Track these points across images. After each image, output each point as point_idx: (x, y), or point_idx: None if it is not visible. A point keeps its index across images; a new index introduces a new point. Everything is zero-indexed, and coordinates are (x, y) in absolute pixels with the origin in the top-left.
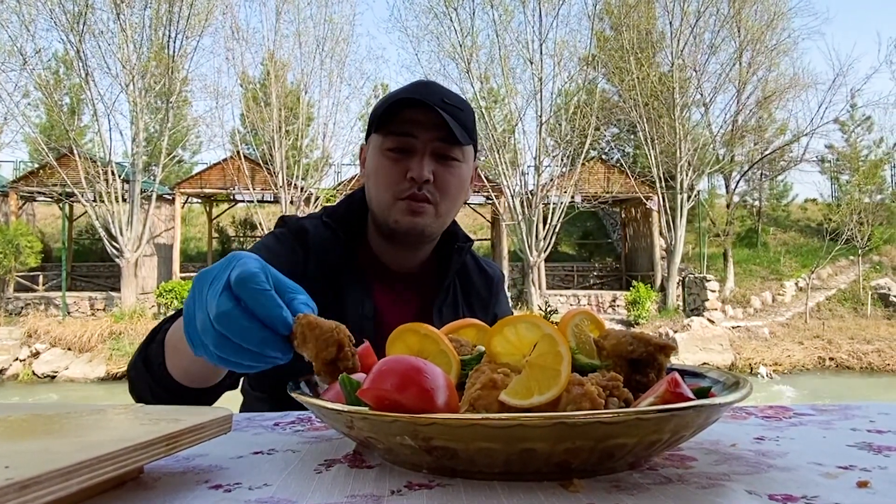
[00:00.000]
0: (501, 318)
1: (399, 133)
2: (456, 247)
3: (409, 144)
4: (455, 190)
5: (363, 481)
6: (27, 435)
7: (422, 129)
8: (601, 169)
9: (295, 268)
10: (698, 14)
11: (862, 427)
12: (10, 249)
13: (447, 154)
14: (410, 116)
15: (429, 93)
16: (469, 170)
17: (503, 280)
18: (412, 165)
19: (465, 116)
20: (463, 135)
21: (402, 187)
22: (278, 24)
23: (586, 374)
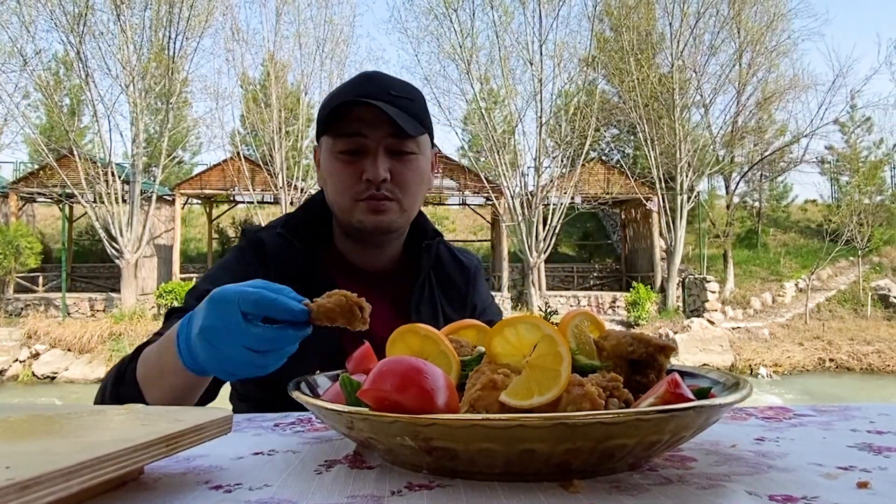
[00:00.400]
0: (481, 308)
1: (349, 134)
2: (424, 245)
3: (360, 145)
4: (415, 183)
5: (363, 482)
6: (28, 435)
7: (371, 128)
8: (601, 170)
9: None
10: (698, 15)
11: (862, 428)
12: (10, 250)
13: (401, 149)
14: (358, 115)
15: (374, 87)
16: (427, 159)
17: (480, 269)
18: (367, 166)
19: (415, 106)
20: (415, 126)
21: (360, 189)
22: (278, 25)
23: (586, 375)
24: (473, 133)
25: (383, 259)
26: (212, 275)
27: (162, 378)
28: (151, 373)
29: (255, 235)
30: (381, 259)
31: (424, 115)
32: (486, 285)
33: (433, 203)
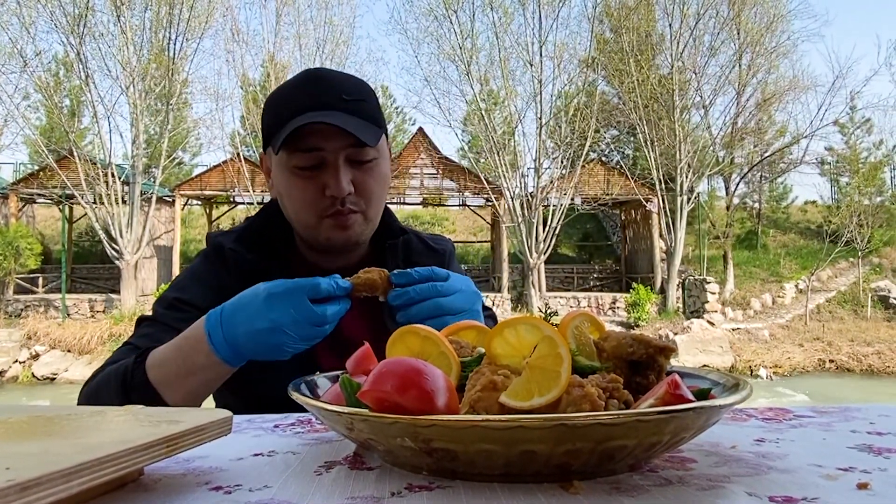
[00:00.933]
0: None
1: (306, 149)
2: (388, 245)
3: (319, 159)
4: (378, 190)
5: (363, 483)
6: (28, 436)
7: (328, 140)
8: (601, 171)
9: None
10: (698, 16)
11: (862, 429)
12: (9, 251)
13: (361, 158)
14: (313, 128)
15: (324, 93)
16: (386, 159)
17: (454, 253)
18: (328, 181)
19: (369, 107)
20: (373, 132)
21: (324, 205)
22: (278, 26)
23: (586, 376)
24: (473, 134)
25: (351, 259)
26: (180, 283)
27: (189, 377)
28: (173, 374)
29: (216, 241)
30: (349, 260)
31: (379, 114)
32: (459, 267)
33: (433, 204)
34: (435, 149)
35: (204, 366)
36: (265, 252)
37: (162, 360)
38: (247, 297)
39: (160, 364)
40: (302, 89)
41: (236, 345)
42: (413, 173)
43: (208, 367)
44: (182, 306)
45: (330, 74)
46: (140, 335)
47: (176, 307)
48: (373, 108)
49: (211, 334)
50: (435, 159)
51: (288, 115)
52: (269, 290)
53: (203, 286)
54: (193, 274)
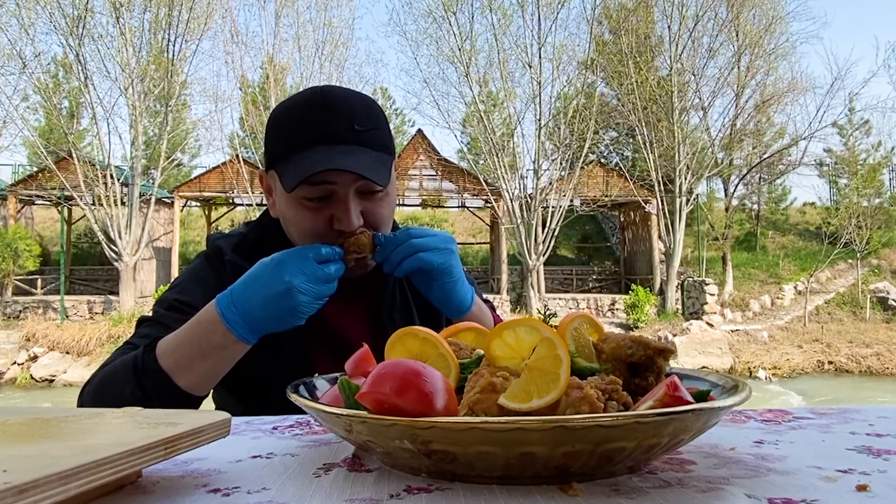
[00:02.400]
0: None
1: (315, 183)
2: None
3: (328, 191)
4: (388, 218)
5: (362, 485)
6: (26, 439)
7: (339, 175)
8: (600, 172)
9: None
10: (697, 18)
11: (861, 430)
12: (8, 253)
13: (373, 189)
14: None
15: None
16: (394, 185)
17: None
18: (338, 215)
19: (380, 135)
20: (385, 167)
21: (331, 237)
22: (277, 27)
23: (585, 378)
24: (472, 136)
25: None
26: (180, 284)
27: (205, 359)
28: (187, 358)
29: (215, 243)
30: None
31: (389, 139)
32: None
33: (432, 205)
34: (434, 150)
35: (220, 345)
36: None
37: (175, 346)
38: (256, 270)
39: (173, 350)
40: (311, 115)
41: (252, 318)
42: (412, 175)
43: (224, 347)
44: (183, 307)
45: (339, 98)
46: (140, 335)
47: (176, 308)
48: (384, 134)
49: (225, 314)
50: (434, 161)
51: (297, 145)
52: (278, 258)
53: (203, 288)
54: (193, 275)
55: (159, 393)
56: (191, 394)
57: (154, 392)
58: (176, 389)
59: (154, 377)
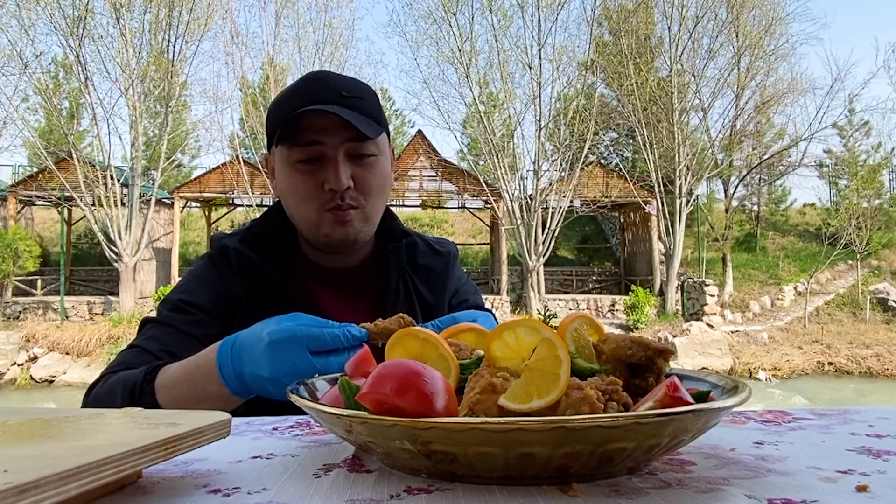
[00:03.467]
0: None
1: (305, 143)
2: (391, 248)
3: (318, 152)
4: (378, 187)
5: (362, 486)
6: (26, 439)
7: (328, 134)
8: (600, 173)
9: (226, 289)
10: (696, 19)
11: (861, 431)
12: (8, 253)
13: (361, 153)
14: (313, 122)
15: (325, 90)
16: (387, 158)
17: (456, 255)
18: (328, 175)
19: (369, 105)
20: (372, 127)
21: (324, 199)
22: (278, 28)
23: (585, 379)
24: (472, 136)
25: (355, 259)
26: (184, 285)
27: (199, 404)
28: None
29: (221, 242)
30: (352, 260)
31: (379, 113)
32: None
33: (432, 206)
34: (434, 151)
35: (215, 396)
36: (268, 253)
37: (173, 383)
38: (253, 338)
39: (171, 387)
40: (302, 88)
41: (244, 382)
42: (412, 175)
43: (219, 398)
44: (187, 308)
45: (329, 75)
46: (146, 337)
47: (181, 309)
48: (372, 105)
49: (221, 367)
50: (434, 162)
51: (288, 111)
52: (272, 337)
53: (207, 288)
54: (197, 276)
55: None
56: None
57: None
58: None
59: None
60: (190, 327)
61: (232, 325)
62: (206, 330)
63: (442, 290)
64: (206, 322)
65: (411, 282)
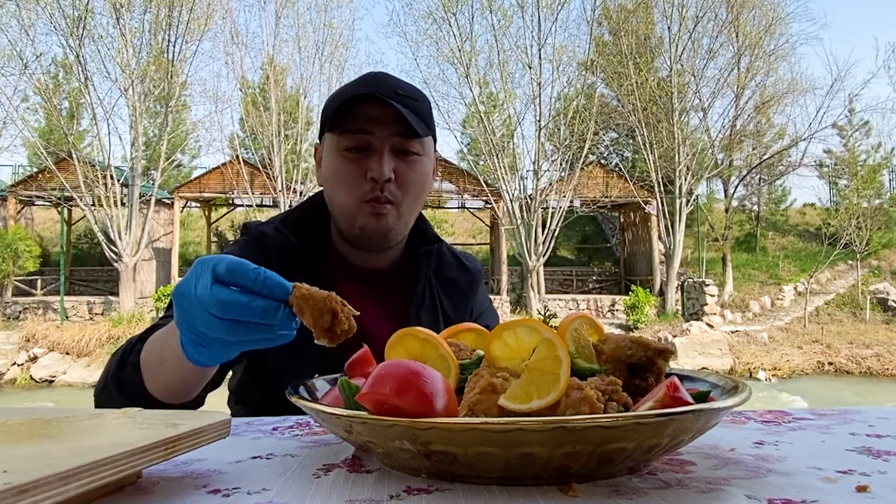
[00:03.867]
0: (478, 312)
1: (354, 131)
2: (423, 251)
3: (366, 142)
4: (417, 186)
5: (362, 486)
6: (25, 439)
7: (378, 125)
8: (600, 173)
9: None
10: (696, 19)
11: (861, 431)
12: (8, 254)
13: (407, 149)
14: (365, 112)
15: (381, 85)
16: (430, 162)
17: (482, 274)
18: (371, 165)
19: (421, 107)
20: (421, 126)
21: (364, 189)
22: (278, 28)
23: (585, 379)
24: (472, 136)
25: (384, 261)
26: None
27: (162, 362)
28: (153, 357)
29: (258, 229)
30: (382, 260)
31: (429, 118)
32: (486, 291)
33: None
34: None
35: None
36: (304, 238)
37: (153, 340)
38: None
39: (150, 343)
40: (359, 82)
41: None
42: None
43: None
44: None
45: (387, 74)
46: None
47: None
48: (424, 108)
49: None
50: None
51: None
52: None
53: None
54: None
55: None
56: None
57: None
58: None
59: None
60: None
61: None
62: None
63: (464, 306)
64: None
65: (437, 290)
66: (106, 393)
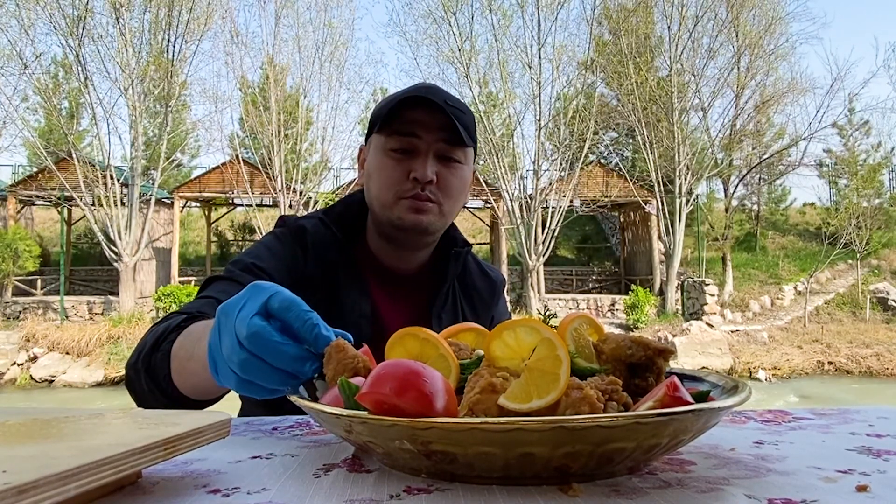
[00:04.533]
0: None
1: (403, 133)
2: (453, 252)
3: (412, 145)
4: (457, 191)
5: (362, 486)
6: (25, 439)
7: (426, 130)
8: (600, 173)
9: (295, 266)
10: (696, 19)
11: (861, 431)
12: (8, 253)
13: (450, 155)
14: (414, 117)
15: (432, 94)
16: (470, 172)
17: (504, 285)
18: (416, 166)
19: (466, 119)
20: (466, 136)
21: (405, 187)
22: (277, 28)
23: (585, 379)
24: None
25: (413, 262)
26: (256, 252)
27: (189, 360)
28: (183, 350)
29: (298, 222)
30: (411, 262)
31: (473, 130)
32: (506, 302)
33: None
34: None
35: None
36: (342, 231)
37: (188, 332)
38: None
39: (185, 335)
40: (411, 89)
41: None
42: None
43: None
44: (259, 273)
45: (437, 87)
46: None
47: (252, 271)
48: (470, 121)
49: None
50: None
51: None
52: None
53: (277, 260)
54: (267, 248)
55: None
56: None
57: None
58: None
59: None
60: None
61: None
62: None
63: (485, 314)
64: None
65: (459, 295)
66: (135, 370)
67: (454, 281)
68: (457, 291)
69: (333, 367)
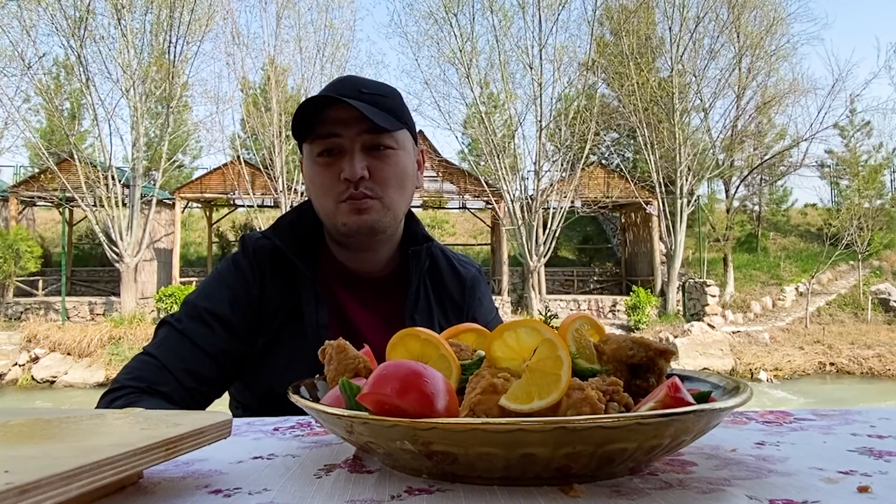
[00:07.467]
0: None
1: (323, 135)
2: (411, 251)
3: (336, 144)
4: (396, 179)
5: (363, 486)
6: (27, 439)
7: (345, 126)
8: (601, 174)
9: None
10: (697, 20)
11: (862, 432)
12: (9, 254)
13: (378, 144)
14: (331, 116)
15: (343, 87)
16: (409, 154)
17: (480, 279)
18: (344, 165)
19: (389, 102)
20: (388, 120)
21: (340, 189)
22: (279, 29)
23: (586, 379)
24: (473, 137)
25: (377, 264)
26: (208, 288)
27: None
28: None
29: (256, 243)
30: (375, 264)
31: (401, 111)
32: (490, 297)
33: (433, 207)
34: (435, 151)
35: None
36: (299, 245)
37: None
38: None
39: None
40: (325, 88)
41: None
42: None
43: None
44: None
45: (354, 76)
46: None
47: (202, 319)
48: (393, 103)
49: None
50: (435, 162)
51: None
52: None
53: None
54: (220, 280)
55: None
56: None
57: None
58: None
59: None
60: (207, 343)
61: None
62: (223, 347)
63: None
64: (224, 339)
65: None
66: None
67: (426, 279)
68: (429, 291)
69: (334, 367)
